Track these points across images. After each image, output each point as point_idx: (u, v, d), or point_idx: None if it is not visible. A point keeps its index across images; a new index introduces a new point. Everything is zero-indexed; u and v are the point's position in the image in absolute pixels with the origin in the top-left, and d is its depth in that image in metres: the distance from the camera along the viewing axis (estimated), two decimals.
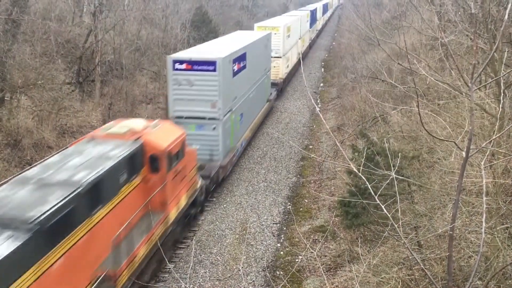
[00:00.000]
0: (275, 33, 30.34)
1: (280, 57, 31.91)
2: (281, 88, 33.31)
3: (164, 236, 12.27)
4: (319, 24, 69.60)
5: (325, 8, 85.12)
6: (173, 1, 43.27)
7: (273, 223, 16.08)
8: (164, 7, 40.73)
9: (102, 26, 28.30)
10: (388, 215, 6.53)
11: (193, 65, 17.20)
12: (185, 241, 14.56)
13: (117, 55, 30.49)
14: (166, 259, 11.10)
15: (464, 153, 6.20)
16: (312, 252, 13.03)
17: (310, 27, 53.15)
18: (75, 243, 8.45)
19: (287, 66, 34.94)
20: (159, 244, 11.00)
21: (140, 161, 11.36)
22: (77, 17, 31.83)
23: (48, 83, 21.95)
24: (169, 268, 12.54)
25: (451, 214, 7.38)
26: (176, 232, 13.66)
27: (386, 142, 12.58)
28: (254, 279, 13.05)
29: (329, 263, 13.34)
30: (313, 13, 56.15)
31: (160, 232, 11.94)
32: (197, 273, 13.17)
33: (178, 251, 14.06)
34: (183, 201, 13.66)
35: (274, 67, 31.01)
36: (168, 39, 37.84)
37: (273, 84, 30.98)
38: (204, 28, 43.54)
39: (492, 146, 8.14)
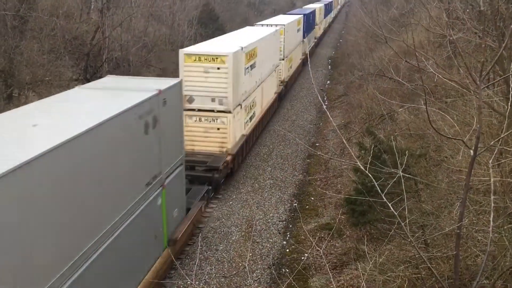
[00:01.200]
0: (218, 68, 17.26)
1: (230, 112, 17.57)
2: (224, 176, 17.94)
3: None
4: (318, 30, 55.53)
5: (328, 8, 70.24)
6: None
7: (279, 221, 16.08)
8: (171, 4, 40.79)
9: (110, 23, 28.39)
10: (395, 213, 6.52)
11: None
12: (191, 238, 14.58)
13: (124, 51, 30.59)
14: (172, 256, 11.12)
15: (472, 152, 6.16)
16: (318, 250, 13.02)
17: (305, 36, 40.69)
18: None
19: (245, 123, 20.22)
20: None
21: None
22: (85, 14, 31.93)
23: (55, 79, 22.07)
24: (175, 265, 12.57)
25: (458, 213, 7.35)
26: None
27: (393, 140, 12.52)
28: (259, 277, 13.06)
29: (335, 261, 13.33)
30: (309, 18, 43.17)
31: None
32: (203, 270, 13.20)
33: (184, 248, 14.09)
34: None
35: (219, 129, 17.61)
36: (175, 36, 37.93)
37: (206, 172, 16.70)
38: (211, 25, 43.63)
39: (500, 145, 8.08)
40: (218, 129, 17.62)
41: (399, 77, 12.61)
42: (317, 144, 23.84)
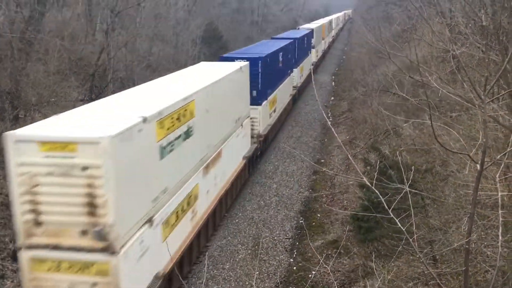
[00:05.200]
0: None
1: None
2: None
3: None
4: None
5: (305, 47, 37.53)
6: (184, 17, 43.80)
7: (286, 238, 15.98)
8: (175, 24, 41.23)
9: (114, 43, 28.69)
10: (402, 229, 6.46)
11: None
12: (197, 257, 14.49)
13: (129, 72, 30.85)
14: (179, 275, 11.03)
15: (478, 166, 6.13)
16: (325, 267, 12.90)
17: None
18: None
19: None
20: None
21: None
22: (90, 35, 32.30)
23: (61, 100, 22.24)
24: (182, 284, 12.47)
25: (467, 228, 7.27)
26: None
27: (399, 155, 12.49)
28: None
29: (342, 278, 13.20)
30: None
31: None
32: None
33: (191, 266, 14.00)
34: None
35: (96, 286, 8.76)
36: (179, 56, 38.25)
37: None
38: (215, 44, 43.99)
39: (506, 159, 8.04)
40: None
41: (403, 92, 12.63)
42: (322, 161, 23.79)
